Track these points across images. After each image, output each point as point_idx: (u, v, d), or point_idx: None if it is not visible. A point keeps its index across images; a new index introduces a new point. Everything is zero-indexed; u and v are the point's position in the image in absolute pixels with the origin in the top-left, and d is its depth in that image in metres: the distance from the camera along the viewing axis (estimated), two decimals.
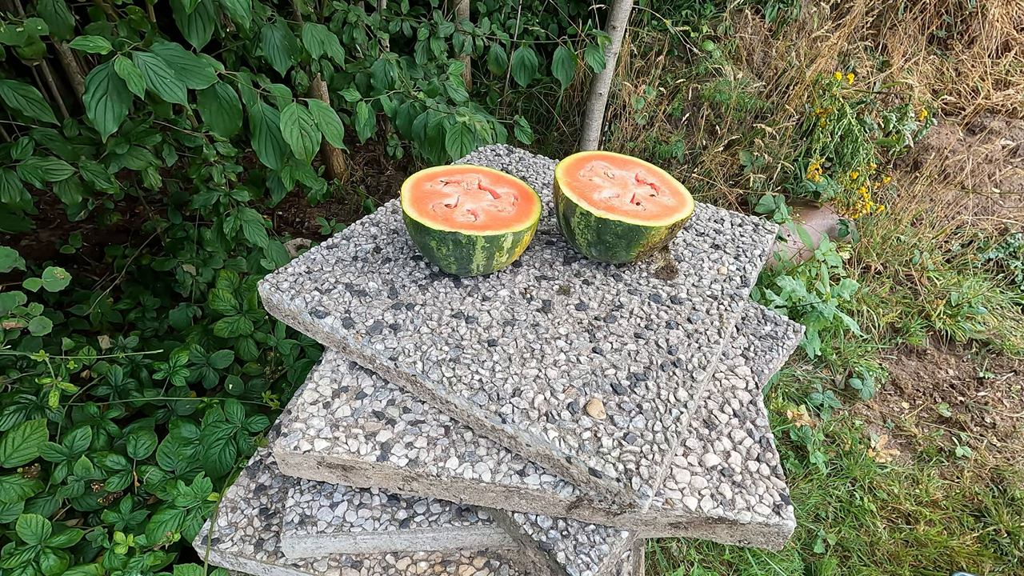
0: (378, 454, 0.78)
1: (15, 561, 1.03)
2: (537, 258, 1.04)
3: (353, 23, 1.92)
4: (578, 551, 0.76)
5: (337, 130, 1.34)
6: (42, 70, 2.40)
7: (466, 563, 0.88)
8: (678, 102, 3.00)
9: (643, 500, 0.70)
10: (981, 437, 2.06)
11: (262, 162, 1.33)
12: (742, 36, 3.10)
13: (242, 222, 1.65)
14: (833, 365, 2.26)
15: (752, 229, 1.15)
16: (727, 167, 2.90)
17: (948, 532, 1.76)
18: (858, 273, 2.61)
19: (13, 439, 1.15)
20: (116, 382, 1.42)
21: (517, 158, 1.34)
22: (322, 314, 0.89)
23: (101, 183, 1.45)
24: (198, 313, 1.81)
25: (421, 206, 0.91)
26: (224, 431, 1.20)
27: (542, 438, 0.74)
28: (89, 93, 1.07)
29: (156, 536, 1.06)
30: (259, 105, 1.28)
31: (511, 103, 3.21)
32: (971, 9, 3.29)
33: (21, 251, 2.19)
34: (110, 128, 1.09)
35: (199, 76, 1.13)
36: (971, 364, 2.35)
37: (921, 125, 2.99)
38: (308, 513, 0.86)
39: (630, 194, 0.97)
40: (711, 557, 1.65)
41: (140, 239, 2.26)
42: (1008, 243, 2.76)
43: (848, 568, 1.66)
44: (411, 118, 1.66)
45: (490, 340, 0.87)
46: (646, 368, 0.84)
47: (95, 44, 1.03)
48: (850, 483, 1.87)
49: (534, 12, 3.08)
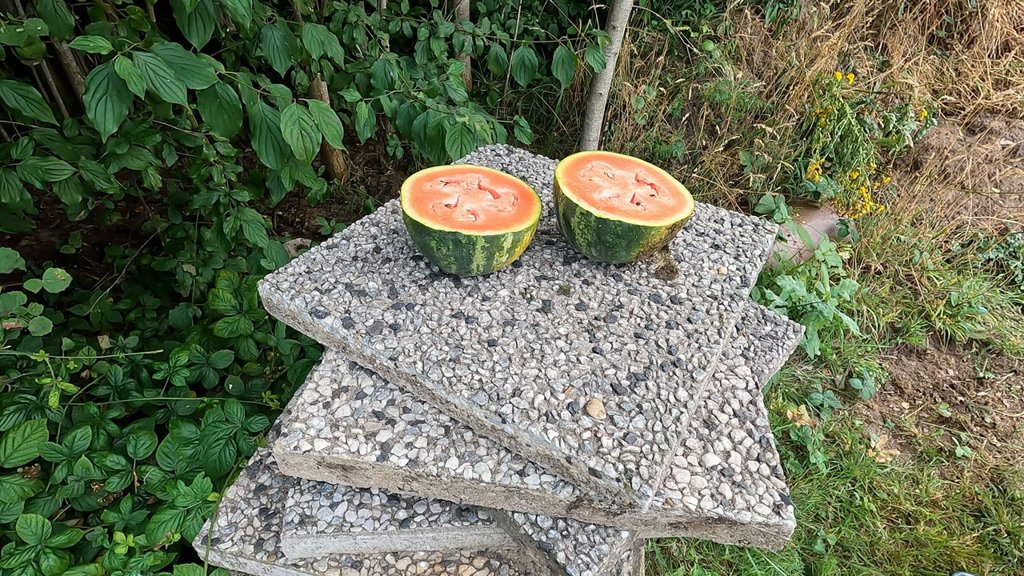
0: (378, 454, 0.78)
1: (15, 561, 1.03)
2: (537, 258, 1.04)
3: (353, 23, 1.92)
4: (578, 551, 0.76)
5: (337, 130, 1.34)
6: (42, 70, 2.40)
7: (466, 563, 0.88)
8: (678, 102, 3.00)
9: (643, 500, 0.70)
10: (981, 437, 2.06)
11: (262, 162, 1.33)
12: (742, 36, 3.10)
13: (242, 222, 1.65)
14: (833, 365, 2.26)
15: (752, 229, 1.15)
16: (727, 167, 2.90)
17: (948, 532, 1.76)
18: (858, 273, 2.61)
19: (13, 439, 1.15)
20: (116, 382, 1.42)
21: (517, 158, 1.34)
22: (322, 314, 0.89)
23: (101, 183, 1.45)
24: (198, 313, 1.81)
25: (421, 206, 0.91)
26: (224, 431, 1.20)
27: (542, 438, 0.74)
28: (89, 93, 1.07)
29: (156, 536, 1.06)
30: (259, 105, 1.28)
31: (511, 103, 3.21)
32: (971, 9, 3.29)
33: (21, 251, 2.19)
34: (110, 128, 1.09)
35: (199, 76, 1.13)
36: (971, 364, 2.35)
37: (921, 125, 2.99)
38: (308, 513, 0.86)
39: (630, 194, 0.97)
40: (711, 557, 1.65)
41: (140, 239, 2.26)
42: (1008, 243, 2.76)
43: (848, 568, 1.66)
44: (411, 118, 1.66)
45: (490, 340, 0.87)
46: (646, 368, 0.84)
47: (96, 44, 1.03)
48: (850, 483, 1.87)
49: (534, 12, 3.08)
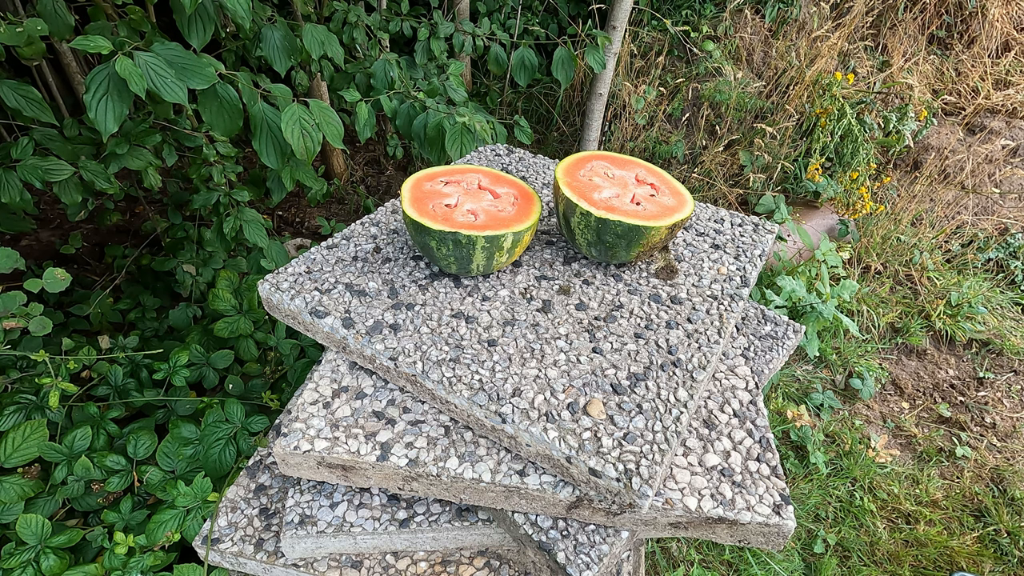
0: (378, 454, 0.78)
1: (15, 561, 1.03)
2: (537, 258, 1.04)
3: (353, 23, 1.92)
4: (578, 551, 0.76)
5: (337, 130, 1.34)
6: (42, 70, 2.40)
7: (466, 563, 0.88)
8: (678, 102, 3.00)
9: (643, 500, 0.70)
10: (981, 437, 2.06)
11: (263, 162, 1.33)
12: (742, 36, 3.10)
13: (242, 222, 1.65)
14: (833, 365, 2.26)
15: (752, 229, 1.15)
16: (727, 167, 2.90)
17: (948, 532, 1.76)
18: (858, 273, 2.61)
19: (13, 439, 1.15)
20: (116, 382, 1.42)
21: (517, 158, 1.34)
22: (322, 314, 0.89)
23: (101, 183, 1.45)
24: (198, 313, 1.81)
25: (421, 206, 0.91)
26: (224, 431, 1.20)
27: (542, 438, 0.74)
28: (90, 93, 1.06)
29: (156, 536, 1.06)
30: (260, 105, 1.28)
31: (511, 103, 3.21)
32: (971, 9, 3.29)
33: (22, 251, 2.19)
34: (111, 128, 1.09)
35: (200, 76, 1.13)
36: (971, 364, 2.35)
37: (921, 125, 2.99)
38: (308, 513, 0.86)
39: (630, 194, 0.97)
40: (711, 557, 1.65)
41: (140, 239, 2.26)
42: (1008, 243, 2.76)
43: (848, 568, 1.66)
44: (411, 118, 1.66)
45: (490, 340, 0.87)
46: (646, 368, 0.84)
47: (96, 44, 1.03)
48: (850, 483, 1.87)
49: (534, 12, 3.08)
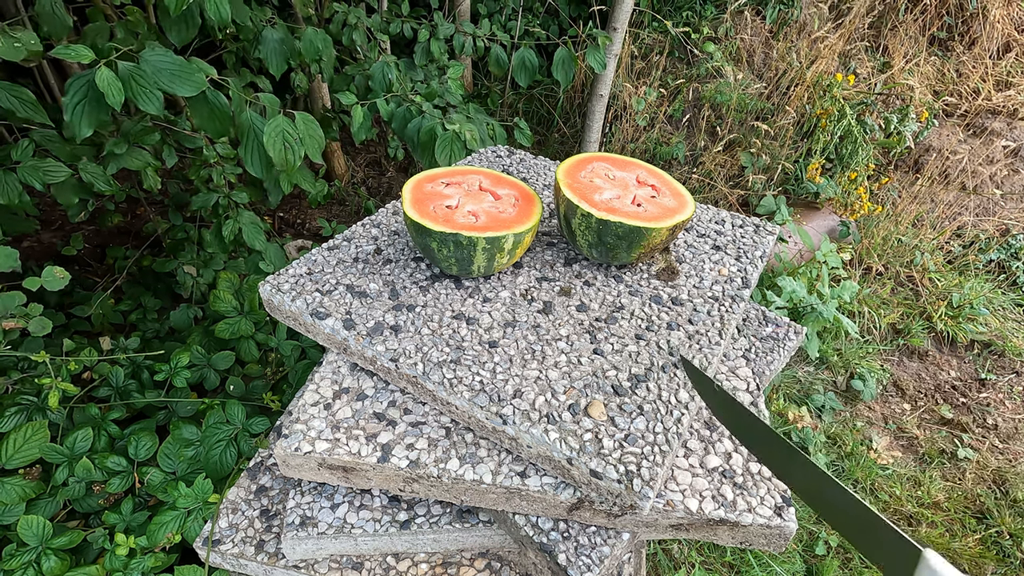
0: (379, 455, 0.77)
1: (16, 562, 1.02)
2: (538, 259, 1.04)
3: (353, 25, 1.92)
4: (579, 553, 0.76)
5: (319, 144, 1.37)
6: (43, 70, 2.40)
7: (467, 565, 0.88)
8: (679, 103, 3.00)
9: (644, 502, 0.70)
10: (983, 439, 2.06)
11: (247, 170, 1.34)
12: (742, 37, 3.10)
13: (240, 225, 1.65)
14: (834, 366, 2.25)
15: (753, 230, 1.15)
16: (728, 168, 2.90)
17: (950, 534, 1.76)
18: (859, 274, 2.61)
19: (14, 440, 1.15)
20: (117, 383, 1.42)
21: (518, 159, 1.34)
22: (323, 315, 0.89)
23: (100, 185, 1.45)
24: (199, 314, 1.81)
25: (422, 207, 0.91)
26: (225, 432, 1.20)
27: (543, 439, 0.74)
28: (68, 95, 1.08)
29: (157, 537, 1.06)
30: (247, 114, 1.29)
31: (512, 104, 3.21)
32: (972, 10, 3.29)
33: (23, 252, 2.19)
34: (85, 132, 1.11)
35: (189, 83, 1.14)
36: (973, 365, 2.35)
37: (922, 126, 2.99)
38: (309, 514, 0.85)
39: (631, 195, 0.97)
40: (712, 559, 1.64)
41: (141, 240, 2.26)
42: (1009, 244, 2.76)
43: (849, 570, 1.66)
44: (406, 122, 1.66)
45: (491, 341, 0.87)
46: (647, 369, 0.84)
47: (78, 53, 1.03)
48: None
49: (535, 13, 3.08)
